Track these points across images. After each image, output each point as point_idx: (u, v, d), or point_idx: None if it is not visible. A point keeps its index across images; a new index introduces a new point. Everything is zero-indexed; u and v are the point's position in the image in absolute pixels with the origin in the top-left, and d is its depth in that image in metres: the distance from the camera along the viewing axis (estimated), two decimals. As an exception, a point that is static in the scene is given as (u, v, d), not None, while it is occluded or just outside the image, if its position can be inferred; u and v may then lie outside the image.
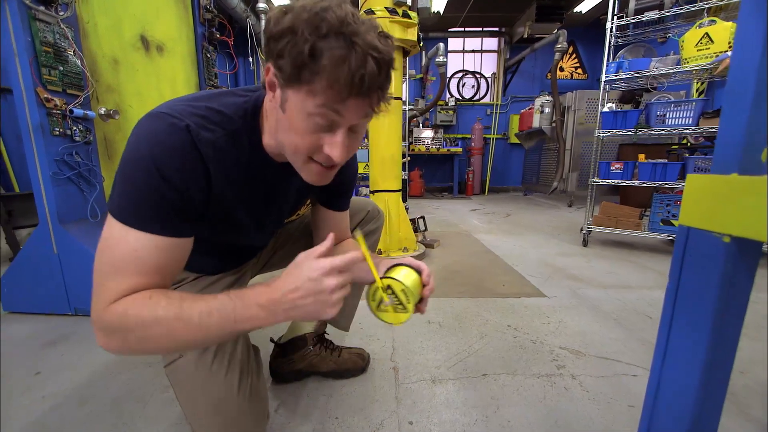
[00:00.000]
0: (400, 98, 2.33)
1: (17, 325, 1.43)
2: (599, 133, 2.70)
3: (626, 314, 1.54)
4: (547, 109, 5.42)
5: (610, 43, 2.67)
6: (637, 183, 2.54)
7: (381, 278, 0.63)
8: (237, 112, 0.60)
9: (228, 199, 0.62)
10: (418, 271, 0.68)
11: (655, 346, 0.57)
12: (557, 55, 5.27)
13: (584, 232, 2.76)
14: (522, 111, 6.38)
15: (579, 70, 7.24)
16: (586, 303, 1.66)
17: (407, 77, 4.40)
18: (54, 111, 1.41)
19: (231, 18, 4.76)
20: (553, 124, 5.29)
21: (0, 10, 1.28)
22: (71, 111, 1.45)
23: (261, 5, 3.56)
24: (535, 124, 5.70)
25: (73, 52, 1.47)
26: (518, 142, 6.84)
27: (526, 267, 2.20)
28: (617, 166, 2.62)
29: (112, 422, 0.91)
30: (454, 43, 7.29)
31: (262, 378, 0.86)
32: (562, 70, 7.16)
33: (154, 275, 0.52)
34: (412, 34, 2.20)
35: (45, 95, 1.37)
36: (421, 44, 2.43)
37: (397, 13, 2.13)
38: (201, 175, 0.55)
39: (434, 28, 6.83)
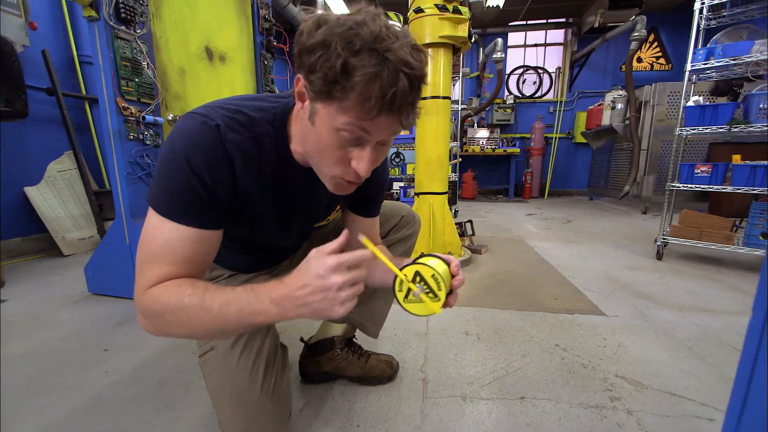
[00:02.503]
0: (449, 98, 2.25)
1: (97, 306, 1.64)
2: (681, 130, 2.35)
3: (705, 343, 1.31)
4: (619, 105, 4.89)
5: (698, 26, 2.31)
6: (729, 189, 2.16)
7: (410, 264, 0.59)
8: (265, 117, 0.62)
9: (254, 199, 0.64)
10: (447, 263, 0.63)
11: (733, 385, 0.46)
12: (634, 45, 4.74)
13: (659, 243, 2.42)
14: (590, 107, 5.84)
15: (661, 60, 6.44)
16: (654, 326, 1.44)
17: (461, 75, 4.26)
18: (130, 118, 1.59)
19: (292, 26, 5.02)
20: (627, 121, 4.75)
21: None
22: (143, 118, 1.62)
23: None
24: (605, 121, 5.17)
25: (147, 65, 1.64)
26: (585, 141, 6.28)
27: (584, 280, 1.99)
28: (703, 168, 2.26)
29: (156, 402, 1.00)
30: (514, 37, 6.92)
31: (286, 377, 0.87)
32: (640, 61, 6.43)
33: (184, 264, 0.56)
34: (463, 31, 2.11)
35: (123, 104, 1.56)
36: (472, 40, 2.32)
37: (447, 10, 2.06)
38: (228, 173, 0.57)
39: (493, 23, 6.54)
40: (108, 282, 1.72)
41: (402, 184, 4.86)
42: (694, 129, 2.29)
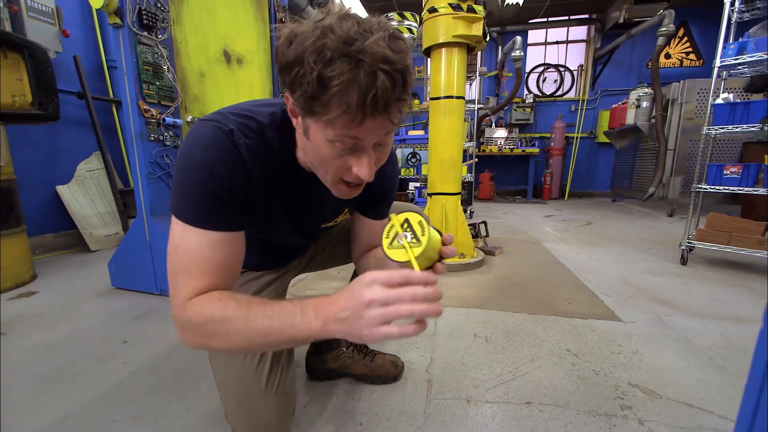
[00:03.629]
0: (462, 97, 2.23)
1: (119, 299, 1.72)
2: (708, 129, 2.24)
3: (729, 353, 1.24)
4: (644, 103, 4.71)
5: (729, 19, 2.20)
6: (762, 191, 2.05)
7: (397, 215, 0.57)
8: (273, 121, 0.63)
9: (265, 200, 0.66)
10: (440, 233, 0.59)
11: (743, 397, 0.45)
12: (661, 40, 4.55)
13: (683, 247, 2.32)
14: (613, 106, 5.65)
15: (692, 56, 6.15)
16: (673, 333, 1.39)
17: (478, 74, 4.21)
18: (150, 120, 1.65)
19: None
20: (652, 120, 4.57)
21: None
22: (163, 120, 1.69)
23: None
24: (629, 120, 4.99)
25: (167, 68, 1.71)
26: (608, 141, 6.08)
27: (602, 284, 1.93)
28: (733, 169, 2.15)
29: (169, 393, 1.04)
30: (534, 35, 6.78)
31: (291, 373, 0.89)
32: (668, 57, 6.17)
33: (217, 273, 0.57)
34: (477, 30, 2.09)
35: (144, 107, 1.62)
36: (487, 39, 2.29)
37: (461, 9, 2.04)
38: (243, 175, 0.59)
39: (513, 21, 6.42)
40: (129, 277, 1.80)
41: (417, 184, 4.84)
42: (722, 128, 2.18)
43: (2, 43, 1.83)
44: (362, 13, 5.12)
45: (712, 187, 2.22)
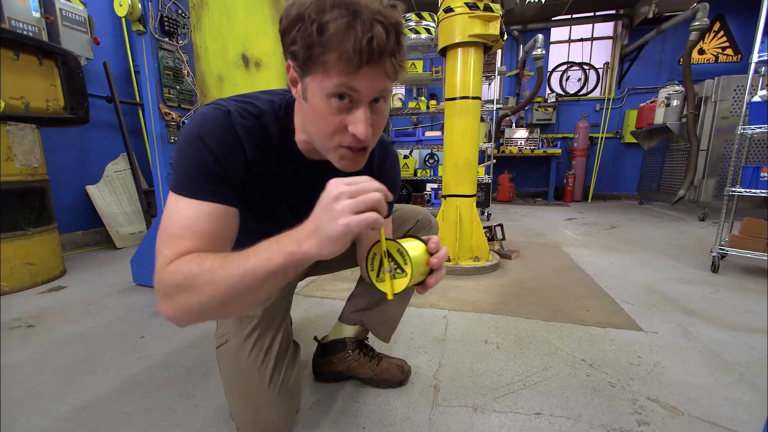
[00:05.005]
0: (479, 98, 2.19)
1: (138, 296, 1.79)
2: (744, 129, 2.11)
3: (761, 369, 1.16)
4: (675, 102, 4.48)
5: (768, 12, 2.06)
6: (803, 195, 1.91)
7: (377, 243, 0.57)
8: (272, 107, 0.65)
9: (264, 184, 0.67)
10: (425, 243, 0.59)
11: None
12: (693, 35, 4.32)
13: (715, 254, 2.19)
14: (641, 105, 5.41)
15: (728, 51, 5.82)
16: (699, 346, 1.31)
17: (497, 74, 4.13)
18: (171, 123, 1.71)
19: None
20: (683, 119, 4.35)
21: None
22: (183, 122, 1.74)
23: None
24: (658, 119, 4.76)
25: (187, 73, 1.76)
26: (635, 141, 5.83)
27: (623, 291, 1.84)
28: (771, 172, 2.01)
29: (180, 389, 1.06)
30: (557, 33, 6.59)
31: (295, 374, 0.89)
32: (702, 52, 5.85)
33: (204, 239, 0.55)
34: (494, 29, 2.05)
35: (165, 110, 1.68)
36: (504, 38, 2.24)
37: (477, 8, 2.01)
38: (239, 153, 0.61)
39: (534, 19, 6.27)
40: (149, 274, 1.85)
41: (435, 185, 4.80)
42: (759, 127, 2.04)
43: (38, 51, 1.94)
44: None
45: (748, 190, 2.09)
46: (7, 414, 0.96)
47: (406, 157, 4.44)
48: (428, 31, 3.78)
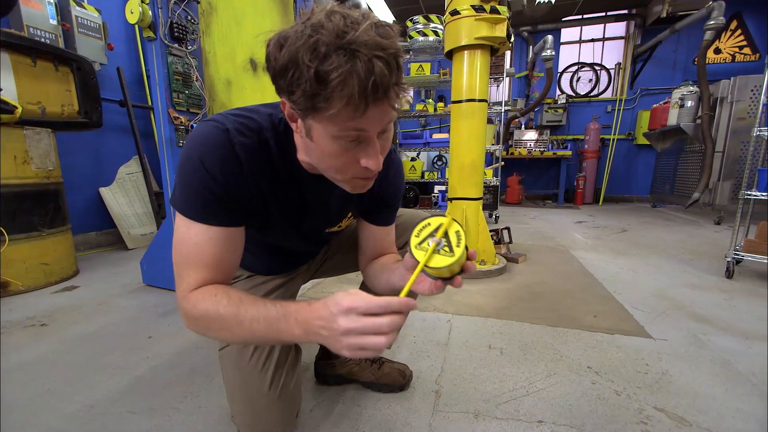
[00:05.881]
0: (485, 100, 2.18)
1: (148, 296, 1.82)
2: (760, 130, 2.05)
3: (775, 380, 1.12)
4: (689, 102, 4.38)
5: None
6: (823, 199, 1.84)
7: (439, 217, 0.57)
8: (271, 122, 0.65)
9: (266, 200, 0.68)
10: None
11: None
12: (708, 35, 4.22)
13: (729, 259, 2.13)
14: (654, 106, 5.31)
15: (746, 50, 5.66)
16: (711, 354, 1.27)
17: (505, 75, 4.10)
18: (180, 127, 1.74)
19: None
20: (698, 121, 4.24)
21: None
22: (192, 127, 1.77)
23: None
24: (672, 121, 4.67)
25: (196, 78, 1.80)
26: (648, 143, 5.72)
27: (632, 297, 1.81)
28: (788, 175, 1.95)
29: (185, 388, 1.08)
30: (568, 33, 6.51)
31: (296, 377, 0.90)
32: (718, 51, 5.71)
33: (216, 267, 0.61)
34: (501, 31, 2.04)
35: (174, 114, 1.72)
36: (511, 40, 2.23)
37: (484, 10, 2.00)
38: (238, 172, 0.61)
39: (544, 20, 6.20)
40: (158, 275, 1.90)
41: (443, 188, 4.78)
42: (776, 129, 1.98)
43: (54, 57, 2.00)
44: (389, 16, 5.13)
45: (764, 193, 2.03)
46: (19, 411, 0.99)
47: (413, 159, 4.43)
48: (436, 33, 3.78)
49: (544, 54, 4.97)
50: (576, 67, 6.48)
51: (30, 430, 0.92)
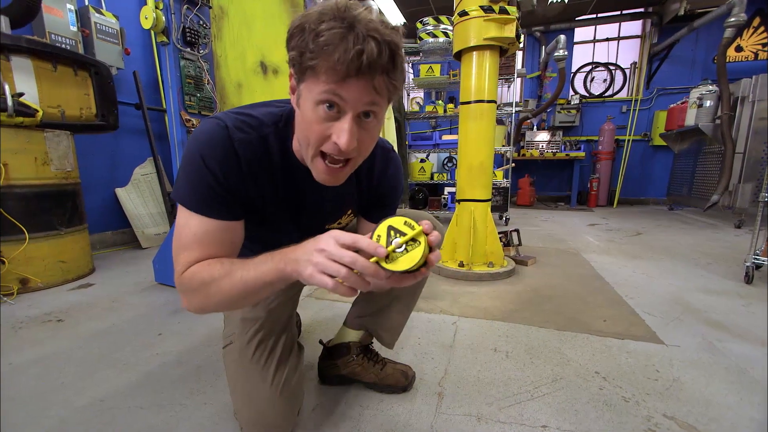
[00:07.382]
0: (494, 101, 2.16)
1: (159, 294, 1.87)
2: (781, 131, 1.98)
3: (794, 390, 1.08)
4: (708, 102, 4.26)
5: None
6: None
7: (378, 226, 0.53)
8: (271, 119, 0.68)
9: (265, 195, 0.70)
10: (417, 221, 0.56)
11: None
12: (728, 32, 4.10)
13: (749, 264, 2.06)
14: (671, 106, 5.18)
15: (769, 48, 5.46)
16: (725, 362, 1.23)
17: (516, 76, 4.06)
18: (191, 129, 1.78)
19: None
20: (717, 121, 4.12)
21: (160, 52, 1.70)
22: (202, 128, 1.82)
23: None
24: (689, 121, 4.55)
25: (207, 81, 1.84)
26: (664, 144, 5.57)
27: (645, 301, 1.76)
28: (811, 177, 1.87)
29: (191, 386, 1.10)
30: (581, 33, 6.40)
31: (298, 376, 0.91)
32: (740, 49, 5.53)
33: (213, 247, 0.63)
34: (510, 31, 2.02)
35: (186, 117, 1.76)
36: (521, 40, 2.21)
37: (493, 11, 1.99)
38: (237, 168, 0.63)
39: (557, 19, 6.12)
40: (170, 274, 1.94)
41: (453, 189, 4.75)
42: (798, 129, 1.91)
43: (73, 62, 2.07)
44: (399, 17, 5.12)
45: (785, 196, 1.95)
46: (34, 404, 1.03)
47: (422, 160, 4.42)
48: (446, 34, 3.77)
49: (556, 54, 4.90)
50: (590, 67, 6.37)
51: (43, 422, 0.95)
